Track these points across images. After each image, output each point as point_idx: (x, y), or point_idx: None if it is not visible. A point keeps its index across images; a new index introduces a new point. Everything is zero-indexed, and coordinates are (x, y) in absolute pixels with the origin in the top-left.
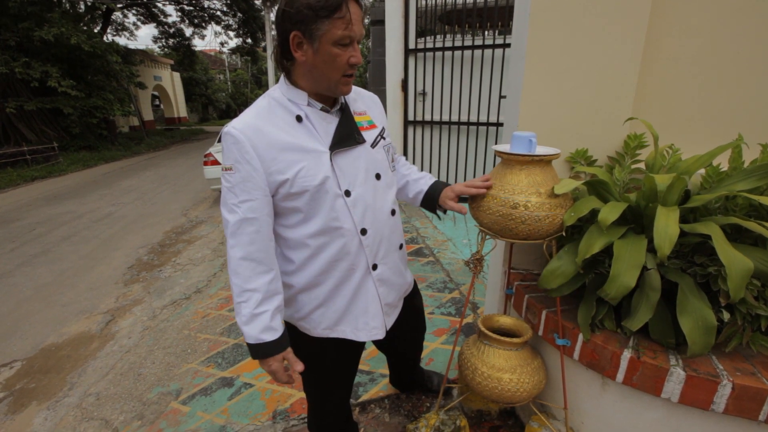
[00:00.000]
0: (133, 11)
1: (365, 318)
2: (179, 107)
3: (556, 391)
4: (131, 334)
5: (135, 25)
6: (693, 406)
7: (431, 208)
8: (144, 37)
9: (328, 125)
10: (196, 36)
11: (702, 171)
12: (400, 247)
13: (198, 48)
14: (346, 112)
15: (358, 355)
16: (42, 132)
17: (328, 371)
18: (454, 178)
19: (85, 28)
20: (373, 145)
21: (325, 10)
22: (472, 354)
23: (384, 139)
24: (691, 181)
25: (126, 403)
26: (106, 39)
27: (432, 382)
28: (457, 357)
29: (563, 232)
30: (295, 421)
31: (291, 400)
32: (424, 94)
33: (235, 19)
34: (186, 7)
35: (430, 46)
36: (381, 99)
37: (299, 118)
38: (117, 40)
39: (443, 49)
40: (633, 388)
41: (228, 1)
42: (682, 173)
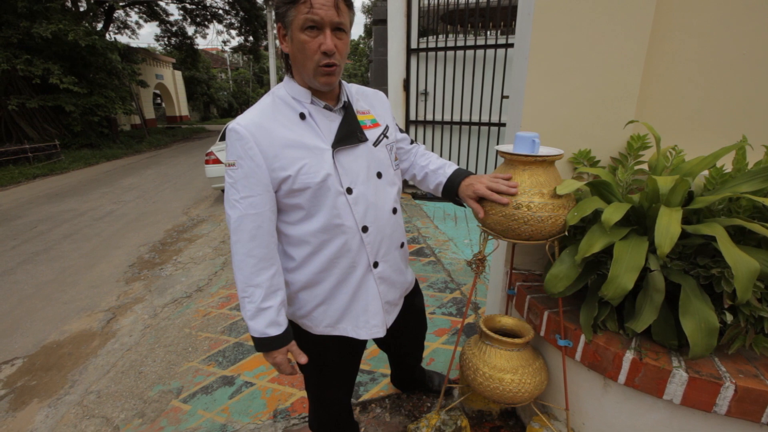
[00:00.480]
0: (136, 9)
1: (366, 316)
2: (181, 106)
3: (557, 392)
4: (132, 332)
5: (137, 23)
6: (695, 408)
7: (453, 200)
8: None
9: (331, 123)
10: (198, 35)
11: (705, 172)
12: (402, 245)
13: (200, 47)
14: (348, 111)
15: (359, 354)
16: (44, 130)
17: (330, 370)
18: None
19: (87, 25)
20: (375, 144)
21: None
22: (473, 354)
23: (387, 137)
24: (694, 182)
25: (127, 401)
26: (109, 37)
27: (433, 382)
28: (459, 357)
29: (566, 233)
30: (296, 420)
31: (292, 399)
32: (426, 93)
33: (237, 17)
34: (188, 6)
35: (432, 45)
36: (384, 95)
37: (303, 116)
38: (119, 38)
39: (445, 48)
40: (635, 390)
41: None
42: (685, 175)
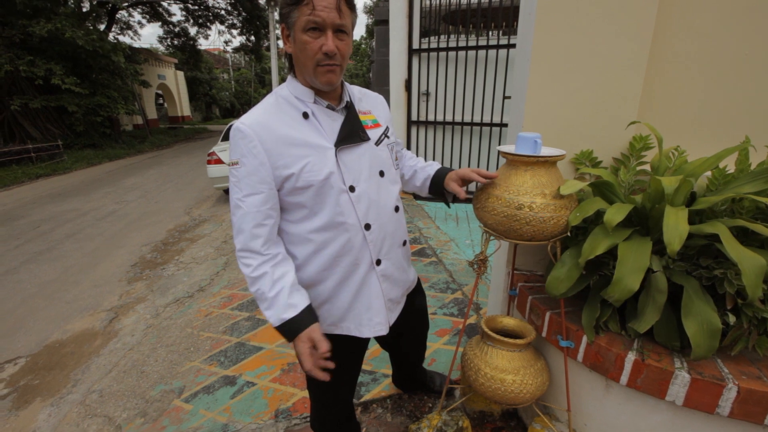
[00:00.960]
0: (138, 10)
1: (369, 314)
2: (183, 106)
3: (559, 393)
4: (134, 331)
5: (140, 23)
6: (697, 410)
7: (440, 194)
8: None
9: (334, 122)
10: (200, 36)
11: (708, 173)
12: (404, 243)
13: (202, 47)
14: (351, 111)
15: (361, 354)
16: (46, 130)
17: (332, 369)
18: None
19: (90, 26)
20: (377, 143)
21: None
22: (475, 355)
23: (388, 137)
24: (697, 183)
25: (129, 400)
26: (112, 38)
27: (434, 383)
28: (460, 358)
29: (568, 233)
30: (297, 420)
31: (293, 399)
32: (427, 94)
33: (239, 18)
34: (190, 6)
35: (434, 46)
36: (384, 99)
37: (306, 115)
38: (121, 38)
39: (447, 49)
40: (637, 391)
41: (232, 0)
42: (688, 176)
